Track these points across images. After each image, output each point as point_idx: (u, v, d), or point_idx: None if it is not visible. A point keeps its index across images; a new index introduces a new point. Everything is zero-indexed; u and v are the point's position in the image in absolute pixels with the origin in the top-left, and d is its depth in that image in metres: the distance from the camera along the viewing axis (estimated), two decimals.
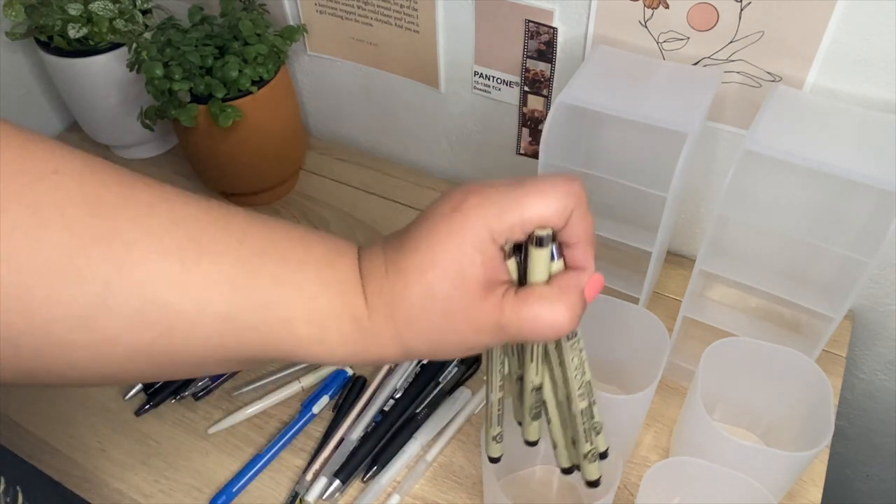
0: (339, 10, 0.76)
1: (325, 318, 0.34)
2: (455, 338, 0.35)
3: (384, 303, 0.35)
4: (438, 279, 0.34)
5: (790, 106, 0.54)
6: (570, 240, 0.36)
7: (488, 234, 0.34)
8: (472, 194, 0.35)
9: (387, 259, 0.36)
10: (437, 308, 0.34)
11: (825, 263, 0.56)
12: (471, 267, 0.34)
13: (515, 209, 0.34)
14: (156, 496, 0.59)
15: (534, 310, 0.34)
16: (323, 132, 0.93)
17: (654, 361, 0.54)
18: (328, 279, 0.35)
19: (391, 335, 0.35)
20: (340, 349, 0.35)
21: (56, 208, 0.30)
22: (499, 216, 0.34)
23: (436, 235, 0.34)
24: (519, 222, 0.34)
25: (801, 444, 0.54)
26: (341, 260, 0.36)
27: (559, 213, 0.34)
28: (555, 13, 0.63)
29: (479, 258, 0.34)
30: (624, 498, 0.58)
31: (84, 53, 0.77)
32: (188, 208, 0.33)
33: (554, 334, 0.35)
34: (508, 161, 0.80)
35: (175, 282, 0.31)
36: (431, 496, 0.58)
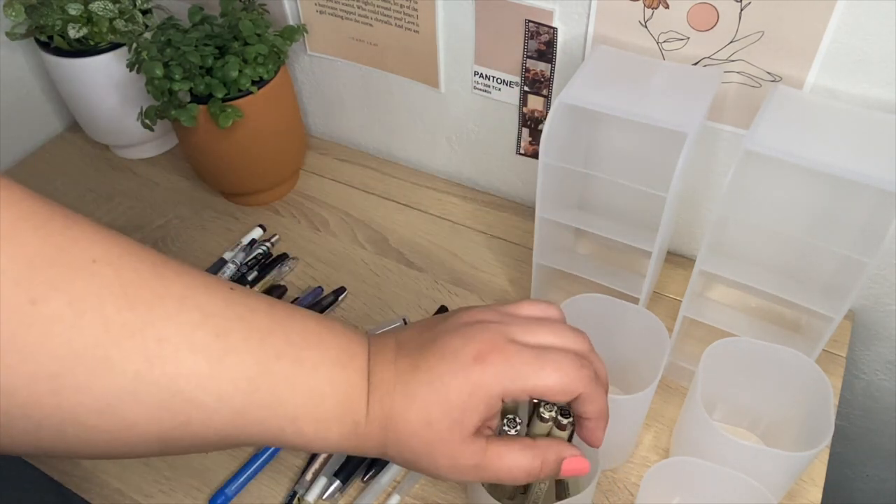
0: (339, 10, 0.76)
1: (330, 419, 0.37)
2: (431, 466, 0.39)
3: (383, 415, 0.38)
4: (440, 416, 0.37)
5: (790, 106, 0.54)
6: (583, 415, 0.40)
7: (501, 391, 0.37)
8: (496, 352, 0.37)
9: (398, 373, 0.38)
10: (428, 438, 0.37)
11: (825, 263, 0.55)
12: (473, 414, 0.37)
13: (532, 378, 0.37)
14: (156, 496, 0.59)
15: (516, 461, 0.38)
16: (323, 132, 0.93)
17: (654, 361, 0.54)
18: (338, 383, 0.37)
19: (378, 441, 0.38)
20: (335, 446, 0.38)
21: (94, 299, 0.31)
22: (514, 380, 0.37)
23: (452, 378, 0.37)
24: (530, 389, 0.37)
25: (801, 444, 0.54)
26: (353, 363, 0.38)
27: (566, 391, 0.38)
28: (555, 13, 0.63)
29: (483, 410, 0.37)
30: (624, 498, 0.58)
31: (84, 53, 0.77)
32: (216, 303, 0.35)
33: (524, 481, 0.39)
34: (508, 161, 0.80)
35: (201, 377, 0.33)
36: (431, 496, 0.58)
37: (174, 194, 0.86)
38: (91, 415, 0.32)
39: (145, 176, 0.88)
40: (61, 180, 0.88)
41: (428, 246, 0.78)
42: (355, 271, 0.76)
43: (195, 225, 0.82)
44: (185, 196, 0.85)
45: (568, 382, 0.38)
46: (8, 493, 0.61)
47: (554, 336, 0.40)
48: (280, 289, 0.73)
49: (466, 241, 0.79)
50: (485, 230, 0.80)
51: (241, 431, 0.36)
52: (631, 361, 0.60)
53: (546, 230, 0.62)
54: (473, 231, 0.80)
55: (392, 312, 0.71)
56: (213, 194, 0.85)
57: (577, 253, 0.71)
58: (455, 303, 0.72)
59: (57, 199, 0.84)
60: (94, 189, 0.86)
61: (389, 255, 0.77)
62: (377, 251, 0.78)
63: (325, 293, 0.73)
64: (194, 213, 0.83)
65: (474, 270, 0.75)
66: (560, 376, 0.38)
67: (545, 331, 0.40)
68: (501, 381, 0.37)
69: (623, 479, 0.59)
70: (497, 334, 0.38)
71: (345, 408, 0.38)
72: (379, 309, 0.72)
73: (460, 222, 0.81)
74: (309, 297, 0.72)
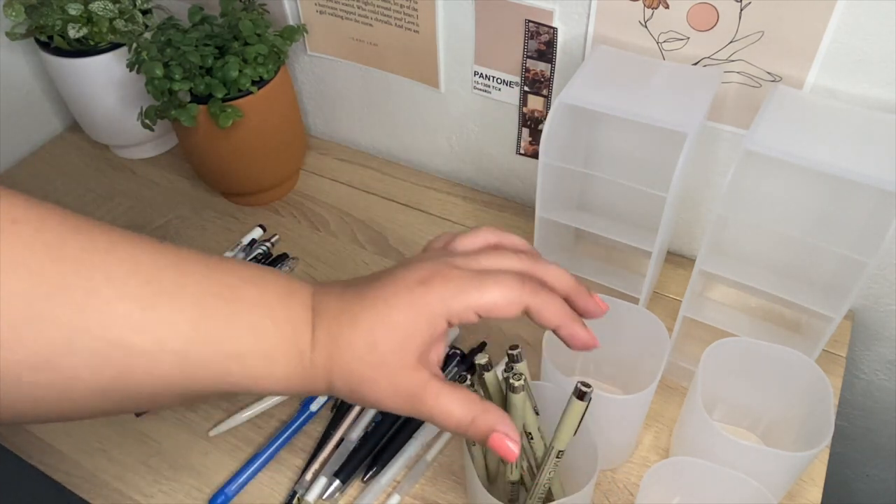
0: (339, 10, 0.76)
1: (274, 353, 0.37)
2: (373, 392, 0.39)
3: (329, 341, 0.38)
4: (384, 338, 0.38)
5: (790, 106, 0.54)
6: (547, 326, 0.41)
7: (445, 310, 0.38)
8: (439, 275, 0.39)
9: (344, 303, 0.39)
10: (373, 362, 0.38)
11: (825, 263, 0.56)
12: (417, 336, 0.38)
13: (474, 295, 0.38)
14: (156, 496, 0.59)
15: (451, 405, 0.39)
16: (323, 132, 0.93)
17: (654, 361, 0.54)
18: (279, 318, 0.38)
19: (324, 371, 0.38)
20: (284, 382, 0.38)
21: (18, 257, 0.31)
22: (457, 297, 0.38)
23: (396, 299, 0.38)
24: (474, 306, 0.38)
25: (801, 444, 0.54)
26: (293, 299, 0.39)
27: (511, 304, 0.39)
28: (555, 13, 0.63)
29: (427, 331, 0.38)
30: (624, 498, 0.58)
31: (84, 53, 0.77)
32: (146, 252, 0.35)
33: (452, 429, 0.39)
34: (508, 161, 0.80)
35: (136, 323, 0.33)
36: (431, 496, 0.58)
37: (174, 194, 0.86)
38: (29, 372, 0.32)
39: (145, 176, 0.88)
40: (61, 180, 0.88)
41: None
42: (355, 271, 0.76)
43: (195, 225, 0.82)
44: (185, 196, 0.85)
45: (512, 298, 0.39)
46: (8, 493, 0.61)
47: (497, 260, 0.41)
48: None
49: None
50: None
51: (188, 377, 0.35)
52: (631, 361, 0.60)
53: (546, 230, 0.62)
54: None
55: None
56: (213, 194, 0.85)
57: (577, 253, 0.71)
58: None
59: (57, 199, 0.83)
60: (94, 189, 0.86)
61: (389, 255, 0.77)
62: (377, 251, 0.78)
63: None
64: (194, 213, 0.83)
65: None
66: (502, 291, 0.39)
67: (487, 256, 0.41)
68: (444, 299, 0.38)
69: (623, 479, 0.59)
70: (440, 262, 0.40)
71: (290, 340, 0.38)
72: None
73: (460, 222, 0.81)
74: None
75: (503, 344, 0.68)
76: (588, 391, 0.43)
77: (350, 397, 0.40)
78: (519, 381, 0.44)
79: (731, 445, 0.50)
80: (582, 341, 0.42)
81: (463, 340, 0.69)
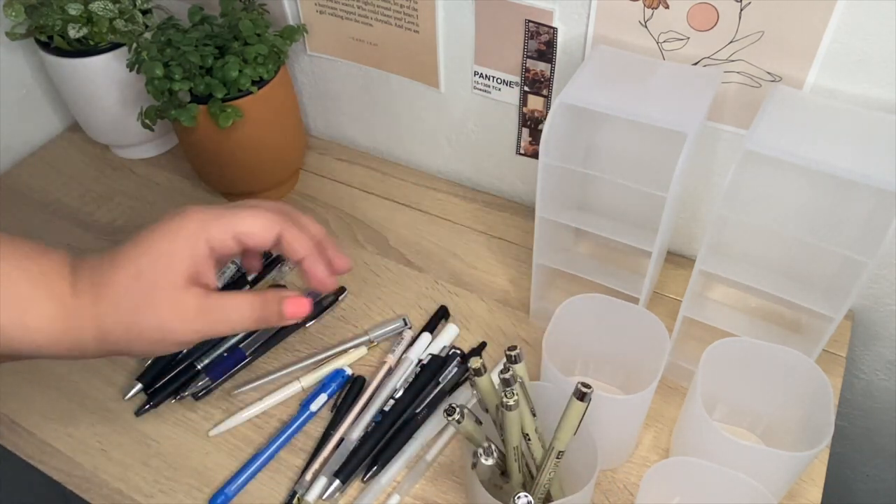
0: (339, 10, 0.76)
1: (26, 302, 0.38)
2: (154, 320, 0.40)
3: (92, 284, 0.39)
4: (148, 263, 0.40)
5: (790, 106, 0.54)
6: (294, 256, 0.46)
7: (203, 232, 0.41)
8: (194, 207, 0.42)
9: (104, 255, 0.41)
10: (142, 288, 0.39)
11: (825, 263, 0.56)
12: (181, 257, 0.40)
13: (230, 218, 0.42)
14: (156, 496, 0.59)
15: (240, 302, 0.42)
16: (323, 132, 0.93)
17: (654, 361, 0.54)
18: (31, 270, 0.39)
19: (91, 317, 0.39)
20: (40, 334, 0.38)
21: None
22: (214, 220, 0.42)
23: (153, 232, 0.41)
24: (231, 231, 0.42)
25: (801, 444, 0.54)
26: (48, 255, 0.40)
27: (266, 230, 0.44)
28: (555, 13, 0.63)
29: (189, 252, 0.41)
30: (624, 498, 0.58)
31: (84, 53, 0.77)
32: None
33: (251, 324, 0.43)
34: (508, 161, 0.80)
35: None
36: (431, 496, 0.58)
37: (174, 194, 0.86)
38: None
39: (145, 176, 0.88)
40: (61, 180, 0.88)
41: (428, 246, 0.78)
42: (355, 271, 0.76)
43: None
44: (185, 196, 0.85)
45: (266, 225, 0.44)
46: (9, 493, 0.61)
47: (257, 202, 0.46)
48: (280, 289, 0.72)
49: (466, 241, 0.79)
50: (485, 230, 0.80)
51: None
52: (631, 361, 0.60)
53: (546, 230, 0.62)
54: (473, 231, 0.80)
55: (392, 312, 0.71)
56: (213, 194, 0.85)
57: (577, 253, 0.71)
58: (455, 303, 0.72)
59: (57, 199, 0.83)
60: (94, 189, 0.86)
61: (389, 255, 0.77)
62: (377, 251, 0.78)
63: (325, 293, 0.73)
64: None
65: (474, 270, 0.75)
66: (258, 219, 0.43)
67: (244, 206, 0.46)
68: (203, 223, 0.41)
69: (623, 479, 0.59)
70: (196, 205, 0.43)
71: (44, 288, 0.38)
72: (379, 309, 0.72)
73: (460, 222, 0.81)
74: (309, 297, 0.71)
75: (503, 344, 0.68)
76: (588, 392, 0.44)
77: (126, 337, 0.40)
78: (513, 399, 0.44)
79: (731, 445, 0.50)
80: (320, 278, 0.47)
81: (463, 340, 0.69)
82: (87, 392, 0.66)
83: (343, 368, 0.66)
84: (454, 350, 0.67)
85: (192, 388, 0.65)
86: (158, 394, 0.64)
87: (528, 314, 0.70)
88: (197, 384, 0.65)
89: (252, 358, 0.67)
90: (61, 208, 0.83)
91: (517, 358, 0.46)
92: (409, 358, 0.66)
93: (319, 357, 0.67)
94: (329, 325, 0.71)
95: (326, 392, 0.64)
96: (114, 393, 0.65)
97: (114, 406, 0.65)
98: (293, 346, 0.69)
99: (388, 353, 0.66)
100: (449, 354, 0.66)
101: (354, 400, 0.63)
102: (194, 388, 0.64)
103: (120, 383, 0.66)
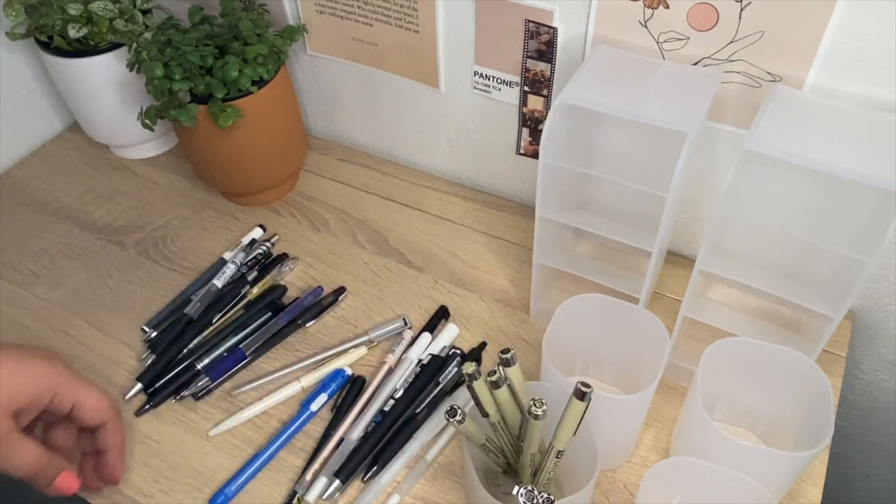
0: (339, 10, 0.76)
1: None
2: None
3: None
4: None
5: (790, 106, 0.54)
6: (105, 446, 0.55)
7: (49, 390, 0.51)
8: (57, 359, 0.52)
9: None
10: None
11: (825, 263, 0.56)
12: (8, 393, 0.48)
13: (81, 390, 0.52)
14: (156, 496, 0.59)
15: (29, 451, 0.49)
16: (323, 132, 0.93)
17: (654, 361, 0.54)
18: None
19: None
20: None
21: None
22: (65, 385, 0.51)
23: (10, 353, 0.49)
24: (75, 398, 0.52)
25: (801, 444, 0.54)
26: None
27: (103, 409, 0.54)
28: (555, 13, 0.63)
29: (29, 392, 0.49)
30: (624, 498, 0.58)
31: (84, 53, 0.77)
32: None
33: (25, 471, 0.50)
34: (508, 161, 0.80)
35: None
36: (431, 496, 0.58)
37: (174, 194, 0.86)
38: None
39: (145, 176, 0.88)
40: (61, 180, 0.88)
41: (428, 246, 0.78)
42: (355, 271, 0.76)
43: (195, 225, 0.82)
44: (185, 196, 0.85)
45: (108, 406, 0.53)
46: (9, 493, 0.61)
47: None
48: (280, 289, 0.73)
49: (466, 241, 0.79)
50: (485, 230, 0.80)
51: None
52: (631, 361, 0.60)
53: (546, 230, 0.62)
54: (473, 231, 0.80)
55: (392, 312, 0.71)
56: (213, 194, 0.85)
57: (577, 253, 0.71)
58: (455, 303, 0.72)
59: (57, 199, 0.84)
60: (94, 189, 0.86)
61: (389, 255, 0.77)
62: (377, 251, 0.78)
63: (325, 293, 0.73)
64: (194, 213, 0.83)
65: (474, 270, 0.75)
66: (103, 398, 0.53)
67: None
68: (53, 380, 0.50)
69: (623, 479, 0.59)
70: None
71: None
72: (379, 309, 0.72)
73: (460, 222, 0.81)
74: (309, 297, 0.72)
75: (503, 344, 0.68)
76: (588, 391, 0.44)
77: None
78: (541, 410, 0.45)
79: (731, 445, 0.50)
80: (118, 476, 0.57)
81: (463, 341, 0.69)
82: None
83: (343, 368, 0.66)
84: (454, 350, 0.67)
85: (192, 388, 0.65)
86: (158, 394, 0.64)
87: (528, 314, 0.71)
88: (197, 384, 0.65)
89: (252, 358, 0.67)
90: (61, 208, 0.83)
91: (510, 361, 0.46)
92: (409, 358, 0.66)
93: (319, 357, 0.67)
94: (329, 325, 0.71)
95: (326, 392, 0.64)
96: (114, 393, 0.65)
97: None
98: (293, 346, 0.69)
99: (388, 353, 0.66)
100: (449, 354, 0.66)
101: (354, 400, 0.63)
102: (194, 388, 0.64)
103: (120, 383, 0.66)
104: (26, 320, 0.72)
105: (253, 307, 0.70)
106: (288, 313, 0.70)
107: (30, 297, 0.74)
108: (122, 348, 0.69)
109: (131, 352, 0.69)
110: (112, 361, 0.68)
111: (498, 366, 0.46)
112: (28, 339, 0.70)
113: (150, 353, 0.68)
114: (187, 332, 0.68)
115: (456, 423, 0.45)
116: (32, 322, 0.72)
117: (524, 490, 0.43)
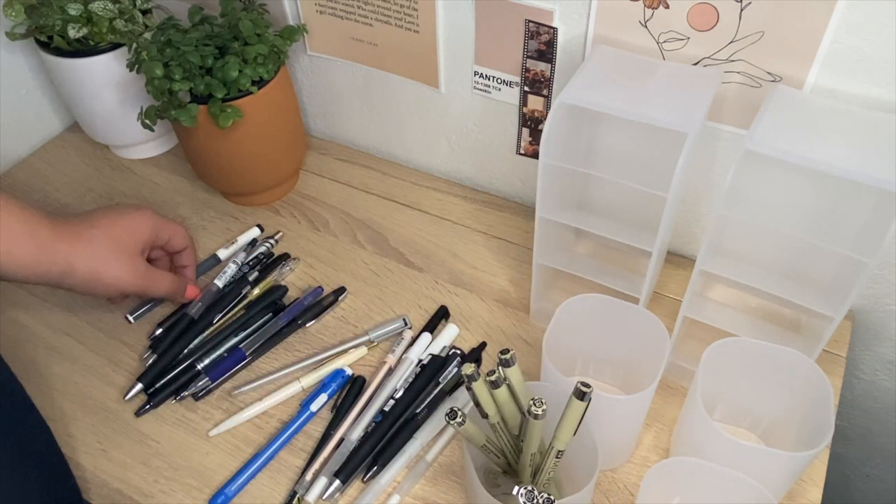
0: (339, 10, 0.76)
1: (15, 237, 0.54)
2: (114, 271, 0.60)
3: (72, 234, 0.57)
4: (120, 231, 0.61)
5: (790, 106, 0.54)
6: (184, 262, 0.71)
7: (156, 226, 0.65)
8: (149, 208, 0.66)
9: (77, 217, 0.60)
10: (113, 247, 0.60)
11: (825, 263, 0.56)
12: (142, 234, 0.63)
13: (176, 228, 0.68)
14: (156, 496, 0.59)
15: (164, 280, 0.65)
16: (323, 132, 0.93)
17: (654, 361, 0.54)
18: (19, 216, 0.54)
19: (65, 255, 0.57)
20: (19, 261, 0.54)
21: None
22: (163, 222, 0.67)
23: (123, 210, 0.63)
24: (171, 233, 0.67)
25: (801, 444, 0.54)
26: (30, 209, 0.56)
27: (187, 240, 0.70)
28: (555, 13, 0.63)
29: (148, 233, 0.64)
30: (624, 498, 0.58)
31: (84, 53, 0.77)
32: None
33: (161, 294, 0.66)
34: (508, 161, 0.80)
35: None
36: (431, 496, 0.58)
37: (174, 194, 0.86)
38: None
39: (145, 176, 0.88)
40: (61, 180, 0.88)
41: (428, 246, 0.78)
42: (355, 271, 0.76)
43: (195, 225, 0.82)
44: (185, 196, 0.85)
45: (187, 234, 0.69)
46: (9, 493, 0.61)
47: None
48: (281, 289, 0.73)
49: (466, 241, 0.79)
50: (485, 230, 0.80)
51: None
52: (631, 361, 0.60)
53: (546, 230, 0.62)
54: (473, 231, 0.80)
55: (392, 312, 0.71)
56: (213, 194, 0.85)
57: (577, 253, 0.71)
58: (455, 303, 0.72)
59: (57, 199, 0.85)
60: (94, 189, 0.86)
61: (389, 255, 0.77)
62: (377, 251, 0.78)
63: (326, 293, 0.73)
64: (194, 213, 0.83)
65: (474, 270, 0.75)
66: (183, 229, 0.69)
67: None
68: (157, 220, 0.65)
69: (623, 479, 0.59)
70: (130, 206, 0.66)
71: (28, 229, 0.54)
72: (379, 309, 0.72)
73: (460, 222, 0.81)
74: (309, 296, 0.72)
75: (503, 344, 0.68)
76: (588, 391, 0.44)
77: (88, 276, 0.58)
78: (541, 409, 0.45)
79: (731, 445, 0.50)
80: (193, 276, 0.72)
81: (463, 341, 0.69)
82: (87, 392, 0.66)
83: (343, 368, 0.66)
84: (454, 350, 0.67)
85: (192, 388, 0.65)
86: (158, 394, 0.64)
87: (528, 314, 0.71)
88: (197, 384, 0.65)
89: (252, 358, 0.67)
90: (61, 208, 0.83)
91: (509, 361, 0.46)
92: (409, 358, 0.66)
93: (319, 357, 0.67)
94: (329, 325, 0.71)
95: (326, 392, 0.64)
96: (114, 393, 0.65)
97: (114, 406, 0.65)
98: (293, 346, 0.69)
99: (388, 354, 0.67)
100: (449, 354, 0.66)
101: (354, 400, 0.63)
102: (194, 389, 0.64)
103: (120, 383, 0.66)
104: (26, 320, 0.72)
105: (254, 307, 0.71)
106: (288, 313, 0.70)
107: (30, 298, 0.74)
108: (122, 348, 0.69)
109: (131, 352, 0.69)
110: (112, 361, 0.68)
111: (497, 366, 0.46)
112: (28, 338, 0.70)
113: (151, 352, 0.68)
114: (189, 332, 0.68)
115: (456, 425, 0.45)
116: (32, 322, 0.72)
117: (524, 490, 0.43)
